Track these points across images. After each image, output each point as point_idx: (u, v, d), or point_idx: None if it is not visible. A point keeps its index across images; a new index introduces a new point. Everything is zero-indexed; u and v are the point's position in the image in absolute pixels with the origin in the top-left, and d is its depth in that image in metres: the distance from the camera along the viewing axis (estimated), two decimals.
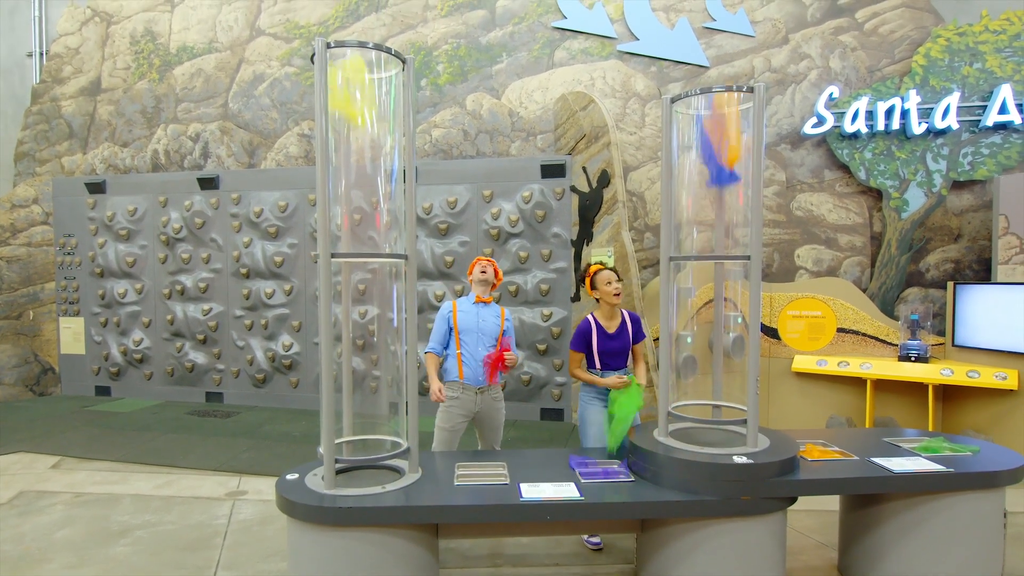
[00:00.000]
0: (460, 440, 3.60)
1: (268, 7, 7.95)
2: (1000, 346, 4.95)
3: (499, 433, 3.68)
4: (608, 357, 3.45)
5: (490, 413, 3.58)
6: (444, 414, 3.51)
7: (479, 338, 3.54)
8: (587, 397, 3.53)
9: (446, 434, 3.51)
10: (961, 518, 2.74)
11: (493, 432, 3.64)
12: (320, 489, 2.62)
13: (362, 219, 2.91)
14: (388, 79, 2.84)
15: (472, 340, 3.53)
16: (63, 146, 8.42)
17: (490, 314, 3.62)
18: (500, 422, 3.65)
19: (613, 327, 3.47)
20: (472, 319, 3.56)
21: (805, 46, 6.40)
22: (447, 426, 3.50)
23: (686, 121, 3.13)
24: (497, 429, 3.65)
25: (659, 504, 2.61)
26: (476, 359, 3.50)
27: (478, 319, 3.57)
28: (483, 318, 3.58)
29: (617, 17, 6.89)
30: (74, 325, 7.92)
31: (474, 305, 3.62)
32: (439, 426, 3.52)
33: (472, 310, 3.60)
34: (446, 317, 3.60)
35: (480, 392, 3.52)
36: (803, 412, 5.64)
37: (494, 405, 3.59)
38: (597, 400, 3.50)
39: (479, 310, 3.61)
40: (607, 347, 3.45)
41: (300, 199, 7.17)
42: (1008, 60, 5.79)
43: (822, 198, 6.31)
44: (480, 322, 3.56)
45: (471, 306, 3.62)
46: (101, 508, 4.11)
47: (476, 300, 3.62)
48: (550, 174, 6.48)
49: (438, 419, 3.53)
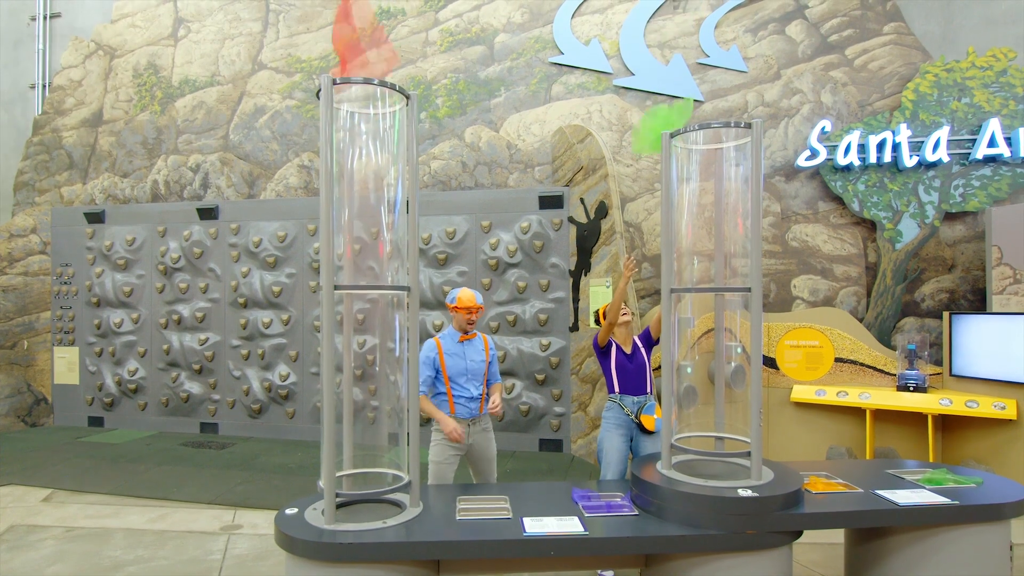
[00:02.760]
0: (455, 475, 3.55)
1: (270, 42, 8.10)
2: (998, 376, 4.97)
3: (493, 465, 3.60)
4: (626, 377, 3.61)
5: (482, 444, 3.52)
6: (436, 448, 3.48)
7: (469, 378, 3.49)
8: (608, 424, 3.57)
9: (440, 468, 3.46)
10: (967, 551, 2.72)
11: (487, 464, 3.56)
12: (320, 524, 2.58)
13: (363, 249, 2.92)
14: (392, 114, 2.90)
15: (462, 380, 3.49)
16: (63, 176, 8.47)
17: (476, 352, 3.55)
18: (493, 453, 3.58)
19: (628, 347, 3.70)
20: (460, 362, 3.49)
21: (797, 81, 6.55)
22: (439, 459, 3.46)
23: (684, 155, 3.19)
24: (490, 461, 3.57)
25: (664, 539, 2.58)
26: (467, 396, 3.47)
27: (466, 360, 3.50)
28: (470, 358, 3.52)
29: (613, 53, 7.05)
30: (69, 355, 7.86)
31: (459, 345, 3.54)
32: (432, 460, 3.49)
33: (458, 351, 3.52)
34: (432, 361, 3.49)
35: (472, 423, 3.48)
36: (803, 442, 5.61)
37: (485, 435, 3.54)
38: (617, 427, 3.54)
39: (465, 349, 3.53)
40: (624, 365, 3.63)
41: (299, 229, 7.21)
42: (995, 95, 5.94)
43: (817, 229, 6.38)
44: (468, 363, 3.50)
45: (456, 345, 3.53)
46: (93, 543, 4.03)
47: (460, 339, 3.55)
48: (548, 205, 6.55)
49: (431, 453, 3.49)
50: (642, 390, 3.61)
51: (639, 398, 3.60)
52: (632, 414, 3.56)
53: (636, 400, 3.59)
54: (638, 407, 3.57)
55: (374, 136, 2.90)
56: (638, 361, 3.64)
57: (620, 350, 3.67)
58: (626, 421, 3.58)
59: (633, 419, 3.56)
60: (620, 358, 3.64)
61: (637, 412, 3.56)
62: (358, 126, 2.89)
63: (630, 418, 3.57)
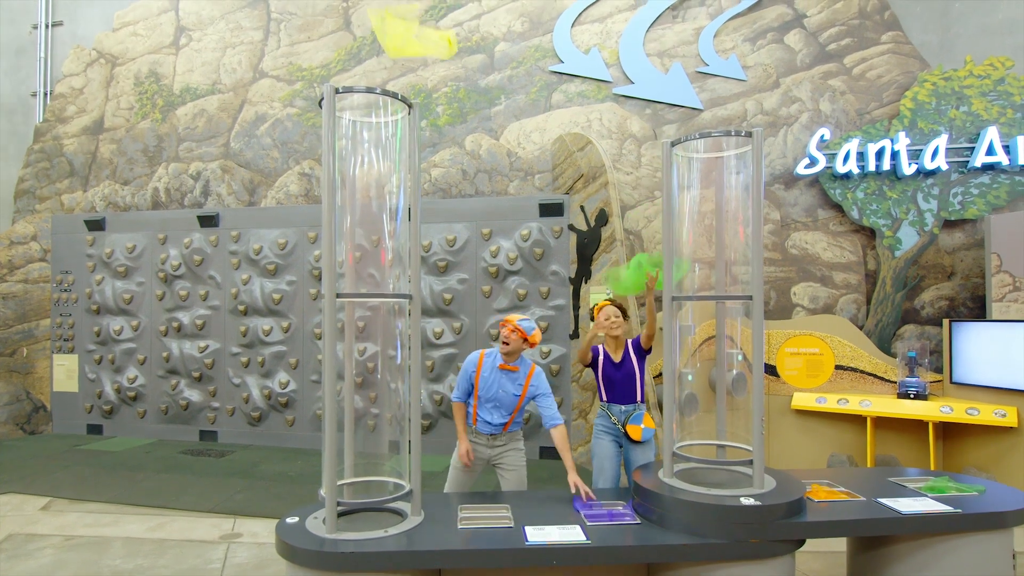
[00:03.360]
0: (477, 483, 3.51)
1: (271, 50, 8.13)
2: (998, 383, 4.97)
3: (521, 474, 3.45)
4: (612, 386, 3.57)
5: (507, 458, 3.45)
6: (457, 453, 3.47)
7: (496, 406, 3.38)
8: (598, 431, 3.57)
9: (459, 474, 3.45)
10: (971, 559, 2.71)
11: (513, 473, 3.45)
12: (321, 533, 2.57)
13: (364, 257, 2.93)
14: (395, 122, 2.91)
15: (489, 406, 3.39)
16: (64, 184, 8.48)
17: (511, 383, 3.37)
18: (520, 464, 3.46)
19: (618, 357, 3.63)
20: (492, 388, 3.37)
21: (796, 90, 6.58)
22: (459, 466, 3.44)
23: (685, 163, 3.20)
24: (517, 470, 3.45)
25: (666, 548, 2.57)
26: (489, 422, 3.40)
27: (497, 389, 3.36)
28: (503, 388, 3.36)
29: (612, 62, 7.08)
30: (68, 362, 7.84)
31: (497, 372, 3.38)
32: (453, 465, 3.47)
33: (494, 377, 3.37)
34: (470, 373, 3.42)
35: (492, 439, 3.43)
36: (804, 450, 5.60)
37: (508, 449, 3.45)
38: (606, 433, 3.53)
39: (499, 379, 3.37)
40: (610, 375, 3.58)
41: (300, 236, 7.21)
42: (993, 103, 5.97)
43: (816, 236, 6.40)
44: (499, 391, 3.36)
45: (494, 371, 3.38)
46: (92, 552, 4.01)
47: (500, 366, 3.39)
48: (548, 213, 6.56)
49: (453, 458, 3.47)
50: (631, 399, 3.58)
51: (627, 407, 3.57)
52: (619, 423, 3.56)
53: (624, 409, 3.57)
54: (625, 416, 3.56)
55: (376, 144, 2.91)
56: (626, 370, 3.59)
57: (608, 359, 3.64)
58: (614, 429, 3.59)
59: (620, 428, 3.56)
60: (607, 368, 3.62)
61: (624, 421, 3.55)
62: (360, 134, 2.90)
63: (617, 427, 3.57)
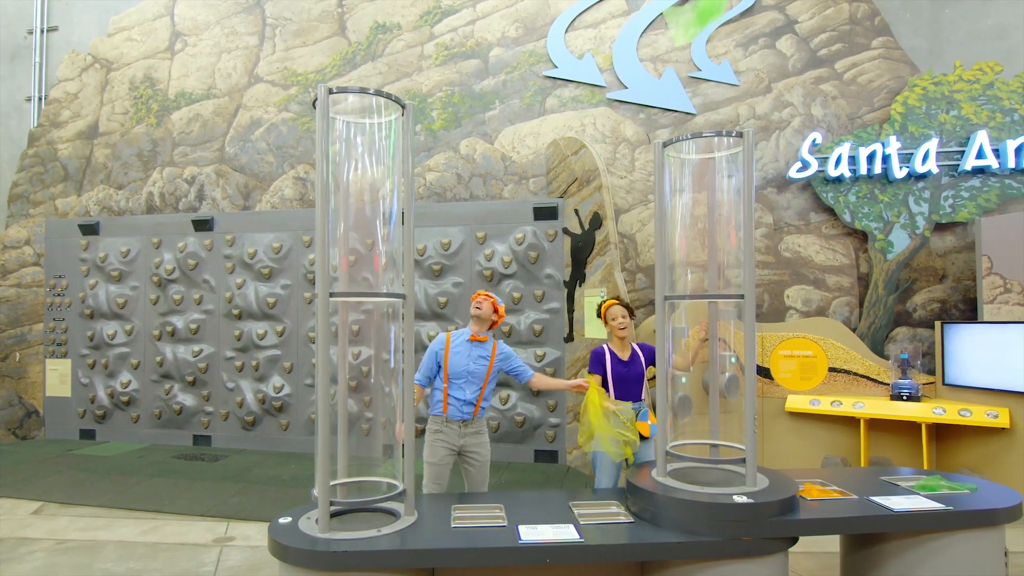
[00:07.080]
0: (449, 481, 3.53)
1: (267, 55, 8.15)
2: (990, 384, 5.00)
3: (485, 471, 3.54)
4: (622, 383, 3.61)
5: (474, 448, 3.49)
6: (429, 448, 3.47)
7: (468, 380, 3.46)
8: None
9: (434, 469, 3.46)
10: (962, 557, 2.73)
11: (478, 470, 3.51)
12: (314, 533, 2.57)
13: (359, 260, 2.93)
14: (388, 123, 2.92)
15: (460, 382, 3.45)
16: (58, 188, 8.46)
17: (482, 354, 3.51)
18: (485, 458, 3.53)
19: (625, 355, 3.70)
20: (463, 360, 3.46)
21: (787, 95, 6.63)
22: (433, 460, 3.46)
23: (677, 165, 3.22)
24: (482, 466, 3.52)
25: (660, 546, 2.58)
26: (461, 399, 3.45)
27: (469, 360, 3.46)
28: (474, 359, 3.48)
29: (606, 67, 7.13)
30: (61, 367, 7.80)
31: (467, 343, 3.50)
32: (426, 460, 3.49)
33: (464, 349, 3.49)
34: (436, 352, 3.50)
35: (464, 425, 3.47)
36: (797, 452, 5.62)
37: (478, 439, 3.51)
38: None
39: (471, 349, 3.50)
40: (620, 373, 3.63)
41: (294, 240, 7.21)
42: (983, 108, 6.03)
43: (809, 239, 6.43)
44: (471, 364, 3.46)
45: (464, 344, 3.50)
46: (84, 556, 3.99)
47: (471, 338, 3.52)
48: (543, 216, 6.58)
49: (425, 454, 3.49)
50: (637, 397, 3.65)
51: (635, 405, 3.62)
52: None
53: (632, 407, 3.61)
54: (634, 414, 3.58)
55: (370, 147, 2.92)
56: (635, 368, 3.67)
57: (615, 358, 3.68)
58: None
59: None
60: (616, 366, 3.66)
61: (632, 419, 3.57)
62: (354, 137, 2.91)
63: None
